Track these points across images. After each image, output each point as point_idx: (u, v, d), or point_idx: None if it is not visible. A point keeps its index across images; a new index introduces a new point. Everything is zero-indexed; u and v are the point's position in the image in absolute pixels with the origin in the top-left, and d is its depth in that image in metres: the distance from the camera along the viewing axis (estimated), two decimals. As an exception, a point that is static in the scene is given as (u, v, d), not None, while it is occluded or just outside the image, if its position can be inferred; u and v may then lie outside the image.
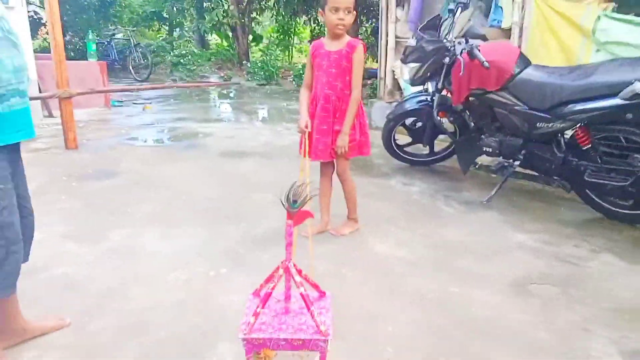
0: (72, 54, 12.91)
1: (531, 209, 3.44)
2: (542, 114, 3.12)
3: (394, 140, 4.34)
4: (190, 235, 2.84)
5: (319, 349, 1.43)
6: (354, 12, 2.55)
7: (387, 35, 5.83)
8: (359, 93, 2.65)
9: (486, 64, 3.09)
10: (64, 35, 14.13)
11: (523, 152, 3.38)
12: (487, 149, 3.57)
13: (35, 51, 12.93)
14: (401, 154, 4.41)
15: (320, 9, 2.63)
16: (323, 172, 2.88)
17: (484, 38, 3.16)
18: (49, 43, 15.35)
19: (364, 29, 13.45)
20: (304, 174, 2.12)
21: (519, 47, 4.77)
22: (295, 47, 17.43)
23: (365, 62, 11.49)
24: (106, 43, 12.28)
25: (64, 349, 1.85)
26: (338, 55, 2.63)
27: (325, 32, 2.72)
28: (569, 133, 3.18)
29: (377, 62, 11.04)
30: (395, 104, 4.45)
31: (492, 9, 5.14)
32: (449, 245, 2.80)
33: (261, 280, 1.58)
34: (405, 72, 3.83)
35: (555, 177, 3.29)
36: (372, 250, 2.71)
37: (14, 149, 1.57)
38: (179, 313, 2.07)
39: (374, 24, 11.55)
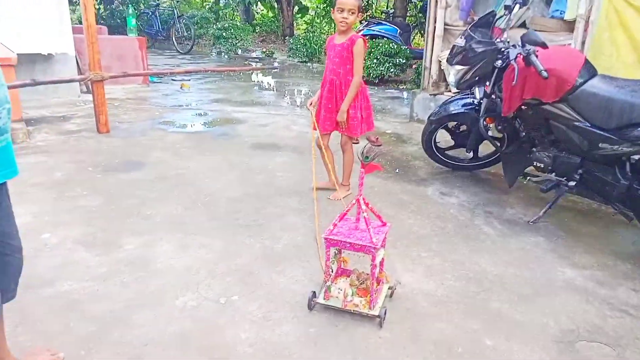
0: (118, 21, 12.97)
1: (583, 235, 3.08)
2: (606, 134, 2.73)
3: (435, 142, 4.02)
4: (205, 248, 2.68)
5: (370, 253, 2.05)
6: (359, 14, 3.09)
7: (435, 22, 5.39)
8: (359, 79, 3.16)
9: (544, 73, 2.71)
10: (111, 3, 14.26)
11: (580, 171, 3.01)
12: (539, 164, 3.21)
13: (79, 22, 13.07)
14: (442, 157, 4.08)
15: (332, 8, 3.31)
16: (324, 143, 3.35)
17: (544, 45, 2.74)
18: (97, 9, 15.22)
19: (414, 4, 12.82)
20: (314, 143, 3.30)
21: (583, 42, 4.29)
22: (341, 21, 16.86)
23: (412, 41, 10.96)
24: (150, 13, 12.23)
25: (57, 385, 1.74)
26: (341, 47, 3.15)
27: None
28: (636, 157, 2.77)
29: (424, 42, 10.52)
30: (438, 106, 4.09)
31: (555, -2, 4.65)
32: (484, 279, 2.53)
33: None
34: (450, 74, 3.47)
35: (616, 204, 2.92)
36: (397, 279, 2.46)
37: (-5, 188, 1.41)
38: (182, 350, 1.91)
39: (423, 1, 10.92)
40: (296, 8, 15.61)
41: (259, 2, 15.88)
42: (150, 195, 3.34)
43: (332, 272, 2.31)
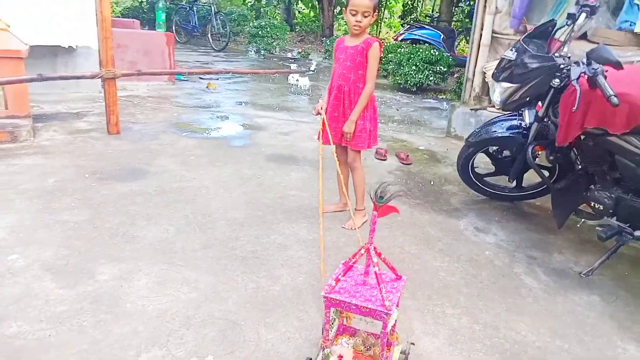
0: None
1: (649, 297, 2.53)
2: (690, 179, 2.18)
3: (472, 167, 3.51)
4: (188, 285, 2.29)
5: (381, 319, 1.59)
6: (374, 15, 2.70)
7: (481, 29, 4.84)
8: (372, 87, 2.80)
9: (615, 99, 2.18)
10: (149, -4, 14.14)
11: (650, 219, 2.46)
12: (597, 205, 2.66)
13: (121, 14, 13.02)
14: (479, 184, 3.56)
15: (344, 9, 3.09)
16: (338, 158, 2.89)
17: (618, 66, 2.21)
18: (140, 3, 14.99)
19: (460, 8, 12.19)
20: (320, 155, 2.56)
21: (657, 60, 3.67)
22: (384, 22, 16.38)
23: (457, 48, 10.33)
24: (188, 8, 12.05)
25: None
26: (354, 50, 2.79)
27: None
28: None
29: (469, 50, 9.85)
30: (479, 126, 3.57)
31: (624, 7, 4.03)
32: (522, 353, 2.02)
33: None
34: (496, 91, 2.96)
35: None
36: (415, 347, 1.99)
37: None
38: None
39: (470, 6, 10.28)
40: (338, 8, 15.18)
41: (299, 1, 15.55)
42: (143, 212, 2.98)
43: (332, 334, 1.87)
